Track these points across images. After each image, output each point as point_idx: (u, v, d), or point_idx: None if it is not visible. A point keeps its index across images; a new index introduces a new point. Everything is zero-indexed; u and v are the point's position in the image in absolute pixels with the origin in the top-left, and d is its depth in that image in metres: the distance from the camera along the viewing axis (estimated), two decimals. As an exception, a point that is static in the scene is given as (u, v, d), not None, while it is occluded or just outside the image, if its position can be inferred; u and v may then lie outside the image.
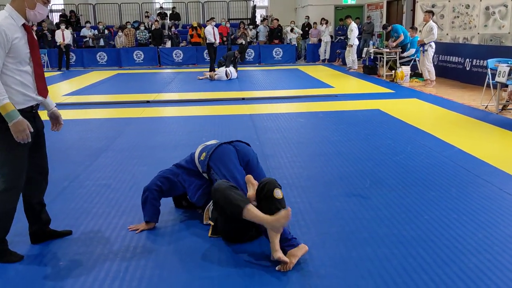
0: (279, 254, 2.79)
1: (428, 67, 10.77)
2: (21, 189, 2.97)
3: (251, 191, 3.11)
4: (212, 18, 14.77)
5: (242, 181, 3.24)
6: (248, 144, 3.64)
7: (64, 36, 16.43)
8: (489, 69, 8.14)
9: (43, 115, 3.17)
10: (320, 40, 17.99)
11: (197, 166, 3.53)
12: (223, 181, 3.10)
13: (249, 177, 3.25)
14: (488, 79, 8.02)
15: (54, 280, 2.74)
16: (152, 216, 3.44)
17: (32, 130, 2.85)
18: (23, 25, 2.87)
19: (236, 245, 3.11)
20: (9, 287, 2.70)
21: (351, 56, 14.60)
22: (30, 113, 2.93)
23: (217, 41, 13.98)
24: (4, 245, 3.00)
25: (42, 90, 2.99)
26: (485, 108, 7.81)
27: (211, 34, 13.86)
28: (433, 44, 10.74)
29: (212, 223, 3.29)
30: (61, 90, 11.58)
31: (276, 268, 2.80)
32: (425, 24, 10.88)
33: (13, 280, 2.77)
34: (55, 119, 3.27)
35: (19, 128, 2.76)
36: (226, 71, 12.66)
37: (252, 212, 2.87)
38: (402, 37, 12.27)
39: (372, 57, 13.63)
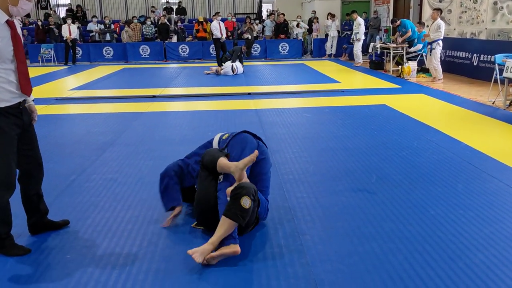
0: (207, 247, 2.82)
1: (435, 65, 10.70)
2: (13, 184, 2.95)
3: (232, 187, 3.04)
4: (217, 13, 14.76)
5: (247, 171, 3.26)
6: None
7: (70, 30, 16.47)
8: (496, 65, 8.10)
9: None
10: (326, 35, 17.93)
11: None
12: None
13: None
14: (496, 74, 7.97)
15: (61, 273, 2.76)
16: (177, 199, 3.42)
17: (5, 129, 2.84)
18: (7, 21, 2.82)
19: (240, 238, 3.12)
20: (16, 280, 2.72)
21: (356, 50, 14.54)
22: (17, 109, 2.93)
23: (224, 36, 13.96)
24: (10, 239, 3.03)
25: (25, 87, 2.94)
26: (493, 103, 7.76)
27: (217, 29, 13.84)
28: (440, 42, 10.66)
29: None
30: (67, 84, 11.62)
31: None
32: (433, 22, 10.80)
33: (20, 272, 2.79)
34: (30, 113, 3.17)
35: None
36: (232, 66, 12.64)
37: (222, 162, 3.13)
38: (409, 33, 12.20)
39: (378, 52, 13.57)
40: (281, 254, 2.94)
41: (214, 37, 14.09)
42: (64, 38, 16.55)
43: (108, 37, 18.39)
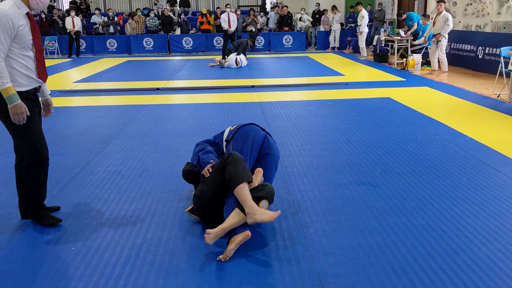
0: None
1: (441, 58, 10.61)
2: (46, 159, 3.26)
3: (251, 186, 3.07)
4: (227, 5, 14.75)
5: (248, 164, 3.26)
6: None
7: (74, 23, 16.44)
8: (502, 57, 8.05)
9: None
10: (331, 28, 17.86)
11: (221, 145, 3.56)
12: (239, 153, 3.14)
13: (259, 170, 3.24)
14: (501, 67, 7.93)
15: (66, 265, 2.78)
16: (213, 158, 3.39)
17: (28, 113, 3.07)
18: (27, 13, 3.09)
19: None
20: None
21: (360, 43, 14.47)
22: (34, 94, 3.21)
23: (232, 28, 13.87)
24: (44, 210, 3.36)
25: (41, 73, 3.22)
26: (498, 96, 7.72)
27: (225, 21, 13.79)
28: (446, 35, 10.57)
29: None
30: (71, 77, 11.62)
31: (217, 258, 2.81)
32: (437, 15, 10.66)
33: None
34: (47, 105, 3.46)
35: (17, 111, 3.01)
36: (236, 59, 12.60)
37: (244, 191, 2.93)
38: (416, 26, 12.12)
39: (383, 45, 13.49)
40: (284, 247, 2.95)
41: (224, 29, 14.05)
42: (68, 31, 16.53)
43: (111, 30, 18.36)
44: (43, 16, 18.22)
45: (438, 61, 10.71)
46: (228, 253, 2.80)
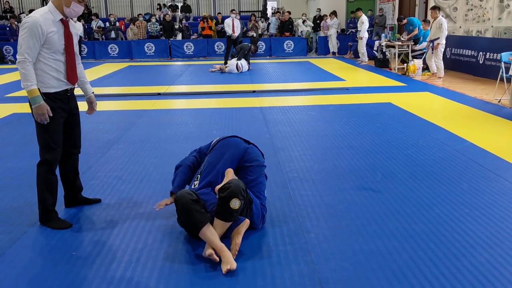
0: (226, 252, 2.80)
1: (437, 63, 10.64)
2: (57, 160, 3.40)
3: (220, 185, 3.04)
4: (232, 10, 14.78)
5: (221, 171, 3.26)
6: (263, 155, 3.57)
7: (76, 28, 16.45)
8: (502, 63, 8.05)
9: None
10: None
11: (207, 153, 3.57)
12: (186, 192, 2.99)
13: (229, 171, 3.24)
14: (502, 72, 7.93)
15: (67, 270, 2.78)
16: (179, 187, 3.37)
17: (51, 114, 3.24)
18: (61, 20, 3.29)
19: (242, 239, 3.12)
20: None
21: (361, 49, 14.50)
22: (65, 96, 3.40)
23: (236, 33, 13.88)
24: (55, 213, 3.41)
25: (71, 77, 3.40)
26: (498, 102, 7.73)
27: (229, 26, 13.80)
28: (443, 41, 10.58)
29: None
30: (73, 82, 11.62)
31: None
32: (433, 21, 10.74)
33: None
34: (90, 103, 3.78)
35: (39, 112, 3.19)
36: (237, 64, 12.60)
37: (206, 235, 2.87)
38: (416, 31, 12.15)
39: (384, 50, 13.48)
40: (285, 252, 2.94)
41: (227, 34, 14.07)
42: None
43: (113, 35, 18.41)
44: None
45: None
46: (236, 248, 2.82)
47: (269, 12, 21.75)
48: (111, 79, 12.13)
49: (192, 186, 3.33)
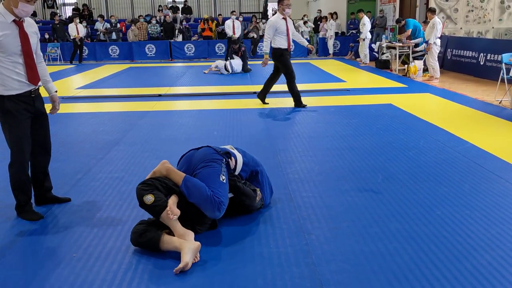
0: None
1: (432, 64, 10.65)
2: (26, 161, 3.45)
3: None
4: (233, 12, 14.82)
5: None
6: (228, 153, 3.46)
7: (78, 29, 16.49)
8: (503, 64, 8.05)
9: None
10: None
11: None
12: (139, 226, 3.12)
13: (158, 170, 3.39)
14: (503, 74, 7.92)
15: (67, 272, 2.78)
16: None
17: None
18: (14, 21, 3.26)
19: (243, 240, 3.11)
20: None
21: (363, 50, 14.50)
22: (29, 97, 3.40)
23: (236, 35, 13.88)
24: (29, 206, 3.54)
25: (32, 78, 3.40)
26: (499, 103, 7.72)
27: (230, 27, 13.83)
28: (437, 41, 10.58)
29: None
30: (74, 83, 11.66)
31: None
32: (429, 22, 10.80)
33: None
34: (52, 102, 3.76)
35: None
36: (225, 65, 12.53)
37: (167, 243, 2.93)
38: (409, 32, 12.17)
39: (384, 51, 13.48)
40: (286, 253, 2.94)
41: (228, 36, 14.10)
42: (72, 37, 16.56)
43: (114, 36, 18.43)
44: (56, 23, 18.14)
45: None
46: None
47: (270, 13, 21.71)
48: (111, 80, 12.14)
49: None
